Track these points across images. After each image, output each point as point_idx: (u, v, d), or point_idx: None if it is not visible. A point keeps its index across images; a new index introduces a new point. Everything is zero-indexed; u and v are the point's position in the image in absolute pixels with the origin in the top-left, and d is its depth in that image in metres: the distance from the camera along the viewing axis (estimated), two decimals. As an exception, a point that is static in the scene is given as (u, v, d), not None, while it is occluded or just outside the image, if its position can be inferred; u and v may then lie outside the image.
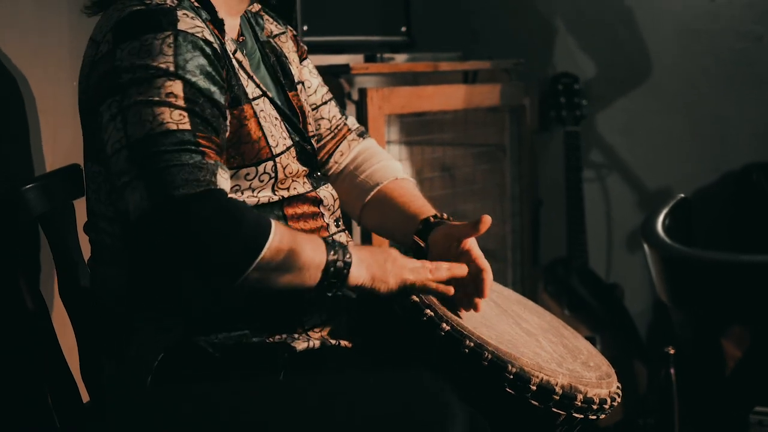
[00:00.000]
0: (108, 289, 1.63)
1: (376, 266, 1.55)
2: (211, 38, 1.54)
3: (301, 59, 1.87)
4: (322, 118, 1.88)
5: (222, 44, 1.59)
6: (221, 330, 1.58)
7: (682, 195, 1.55)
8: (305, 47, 1.90)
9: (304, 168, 1.69)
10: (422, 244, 1.74)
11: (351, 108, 2.49)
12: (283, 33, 1.84)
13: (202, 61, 1.50)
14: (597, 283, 3.31)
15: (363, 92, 2.49)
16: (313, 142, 1.76)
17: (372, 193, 1.85)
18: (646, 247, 1.32)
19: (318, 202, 1.70)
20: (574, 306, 3.24)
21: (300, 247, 1.48)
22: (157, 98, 1.45)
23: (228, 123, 1.55)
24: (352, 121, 1.94)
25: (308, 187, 1.69)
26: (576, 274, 3.27)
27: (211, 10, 1.62)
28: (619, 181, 3.43)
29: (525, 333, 1.68)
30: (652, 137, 3.39)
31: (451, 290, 1.60)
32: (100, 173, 1.60)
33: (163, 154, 1.42)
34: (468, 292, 1.64)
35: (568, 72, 3.36)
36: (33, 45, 2.04)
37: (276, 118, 1.65)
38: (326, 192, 1.73)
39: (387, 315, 1.60)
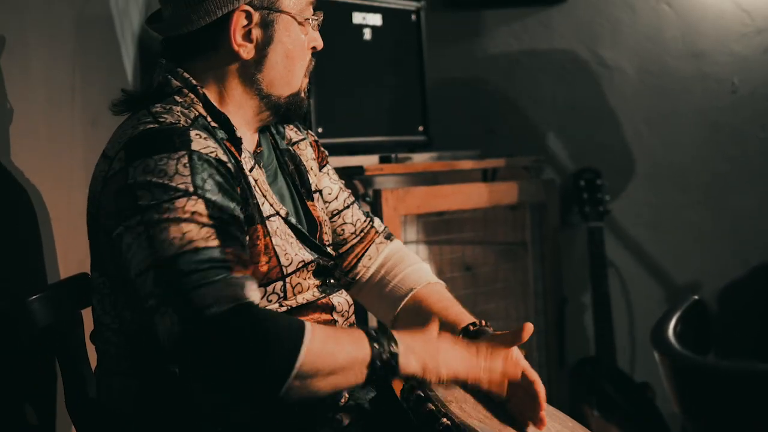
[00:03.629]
0: (114, 399, 1.60)
1: (428, 357, 1.49)
2: (224, 158, 1.54)
3: (321, 166, 1.86)
4: (345, 223, 1.87)
5: (237, 162, 1.59)
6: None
7: (696, 297, 1.49)
8: (326, 152, 1.89)
9: (317, 281, 1.68)
10: None
11: (366, 209, 2.46)
12: (303, 140, 1.83)
13: (219, 179, 1.50)
14: (627, 383, 3.22)
15: (377, 193, 2.48)
16: (330, 251, 1.74)
17: (405, 300, 1.83)
18: (656, 354, 1.26)
19: (330, 308, 1.68)
20: (603, 407, 3.15)
21: (340, 346, 1.43)
22: (182, 216, 1.44)
23: (246, 239, 1.54)
24: (378, 223, 1.92)
25: (318, 294, 1.67)
26: (605, 373, 3.18)
27: (229, 128, 1.61)
28: (645, 276, 3.37)
29: (545, 440, 1.62)
30: (678, 230, 3.33)
31: (503, 392, 1.56)
32: (104, 284, 1.59)
33: (191, 274, 1.40)
34: (517, 402, 1.59)
35: (590, 167, 3.33)
36: (45, 153, 2.04)
37: (291, 236, 1.64)
38: (340, 298, 1.71)
39: (402, 423, 1.54)
